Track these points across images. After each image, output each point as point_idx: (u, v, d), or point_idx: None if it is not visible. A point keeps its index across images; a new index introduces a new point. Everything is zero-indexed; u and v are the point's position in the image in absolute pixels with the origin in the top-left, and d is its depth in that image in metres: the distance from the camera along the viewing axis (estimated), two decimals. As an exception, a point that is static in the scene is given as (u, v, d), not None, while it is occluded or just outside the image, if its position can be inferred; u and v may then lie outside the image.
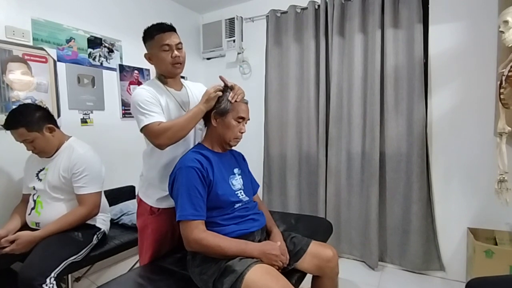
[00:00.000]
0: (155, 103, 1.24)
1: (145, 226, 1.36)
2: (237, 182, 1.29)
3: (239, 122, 1.25)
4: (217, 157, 1.26)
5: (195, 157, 1.19)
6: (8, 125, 1.46)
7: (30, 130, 1.46)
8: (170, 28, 1.29)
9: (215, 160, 1.24)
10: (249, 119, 1.31)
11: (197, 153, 1.22)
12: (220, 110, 1.23)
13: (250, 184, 1.39)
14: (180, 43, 1.30)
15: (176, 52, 1.27)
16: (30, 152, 1.55)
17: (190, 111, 1.25)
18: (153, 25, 1.29)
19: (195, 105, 1.31)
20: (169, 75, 1.34)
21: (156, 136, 1.19)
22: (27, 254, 1.35)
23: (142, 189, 1.39)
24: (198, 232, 1.11)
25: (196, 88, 1.47)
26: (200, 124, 1.37)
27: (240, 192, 1.28)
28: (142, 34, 1.32)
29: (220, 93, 1.24)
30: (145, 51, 1.34)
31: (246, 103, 1.29)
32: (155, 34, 1.26)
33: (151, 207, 1.34)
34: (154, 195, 1.34)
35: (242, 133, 1.28)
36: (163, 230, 1.37)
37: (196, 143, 1.36)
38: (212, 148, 1.28)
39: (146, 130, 1.21)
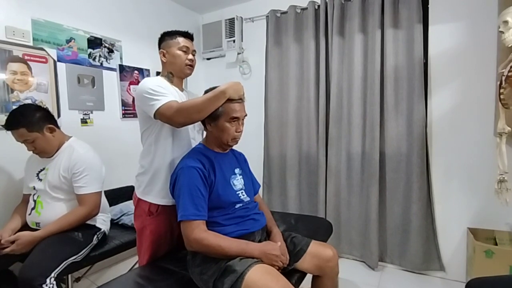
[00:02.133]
0: (166, 89, 1.26)
1: (144, 228, 1.35)
2: (238, 182, 1.29)
3: (232, 123, 1.22)
4: (218, 157, 1.27)
5: (197, 157, 1.19)
6: (8, 126, 1.47)
7: (31, 131, 1.46)
8: (191, 37, 1.42)
9: (216, 160, 1.24)
10: (246, 115, 1.27)
11: (198, 153, 1.22)
12: (211, 115, 1.20)
13: (251, 184, 1.38)
14: (195, 51, 1.43)
15: (191, 56, 1.39)
16: (31, 152, 1.55)
17: (211, 92, 1.20)
18: (176, 30, 1.41)
19: None
20: (180, 74, 1.40)
21: (176, 112, 1.16)
22: (27, 254, 1.35)
23: (140, 189, 1.36)
24: (199, 232, 1.11)
25: (193, 95, 1.50)
26: (200, 125, 1.37)
27: (242, 192, 1.28)
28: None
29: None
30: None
31: (239, 102, 1.23)
32: (177, 36, 1.38)
33: (149, 207, 1.32)
34: (154, 191, 1.32)
35: (239, 132, 1.25)
36: (162, 231, 1.36)
37: (197, 143, 1.36)
38: (213, 149, 1.28)
39: (163, 110, 1.17)
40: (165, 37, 1.39)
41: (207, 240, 1.10)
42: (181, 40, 1.37)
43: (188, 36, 1.41)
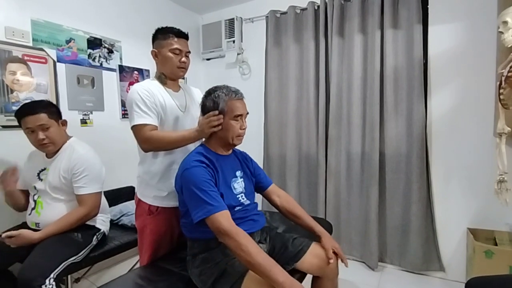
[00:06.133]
0: (150, 103, 1.26)
1: (144, 227, 1.37)
2: (238, 185, 1.28)
3: (237, 121, 1.22)
4: (220, 159, 1.25)
5: (199, 158, 1.18)
6: (29, 109, 1.46)
7: (50, 117, 1.50)
8: (186, 36, 1.37)
9: (218, 163, 1.22)
10: (248, 113, 1.28)
11: (200, 155, 1.20)
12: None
13: (252, 187, 1.37)
14: (189, 51, 1.38)
15: (184, 58, 1.34)
16: (30, 151, 1.55)
17: (185, 131, 1.27)
18: (170, 27, 1.35)
19: (190, 107, 1.38)
20: (172, 76, 1.38)
21: (144, 140, 1.25)
22: (26, 255, 1.35)
23: (139, 190, 1.39)
24: (225, 221, 1.03)
25: (193, 92, 1.51)
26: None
27: (241, 196, 1.27)
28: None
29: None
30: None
31: (241, 99, 1.25)
32: (170, 35, 1.32)
33: (149, 206, 1.35)
34: (152, 194, 1.35)
35: (243, 129, 1.25)
36: (162, 230, 1.37)
37: (197, 145, 1.35)
38: (215, 151, 1.27)
39: (136, 130, 1.25)
40: (158, 35, 1.34)
41: (237, 236, 1.01)
42: (174, 41, 1.31)
43: (182, 35, 1.35)
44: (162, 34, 1.33)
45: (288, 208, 1.42)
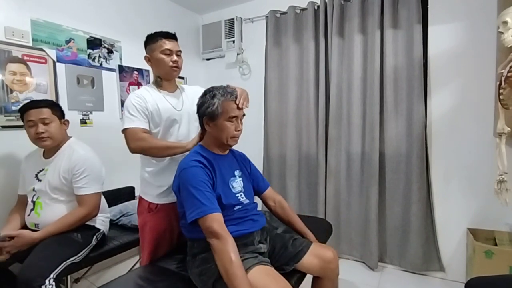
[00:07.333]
0: (141, 108, 1.31)
1: (144, 224, 1.40)
2: (237, 184, 1.28)
3: (232, 122, 1.21)
4: (218, 159, 1.25)
5: (197, 158, 1.18)
6: (34, 103, 1.51)
7: (54, 113, 1.54)
8: (173, 37, 1.40)
9: (216, 162, 1.23)
10: (244, 115, 1.27)
11: (198, 155, 1.20)
12: (210, 114, 1.20)
13: (250, 186, 1.38)
14: (180, 51, 1.41)
15: (175, 58, 1.37)
16: (28, 152, 1.55)
17: (176, 143, 1.35)
18: (158, 32, 1.38)
19: (187, 105, 1.41)
20: (167, 77, 1.41)
21: (134, 140, 1.29)
22: (26, 255, 1.34)
23: (141, 188, 1.44)
24: (219, 226, 1.04)
25: (191, 90, 1.53)
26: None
27: (241, 195, 1.27)
28: (142, 35, 1.38)
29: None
30: (145, 52, 1.41)
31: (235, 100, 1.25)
32: (159, 38, 1.36)
33: (149, 204, 1.38)
34: (152, 191, 1.38)
35: (239, 131, 1.25)
36: (161, 228, 1.39)
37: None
38: (212, 150, 1.27)
39: (126, 132, 1.30)
40: (148, 41, 1.39)
41: (226, 242, 1.02)
42: (163, 43, 1.35)
43: (170, 36, 1.38)
44: (151, 39, 1.38)
45: (282, 214, 1.46)
